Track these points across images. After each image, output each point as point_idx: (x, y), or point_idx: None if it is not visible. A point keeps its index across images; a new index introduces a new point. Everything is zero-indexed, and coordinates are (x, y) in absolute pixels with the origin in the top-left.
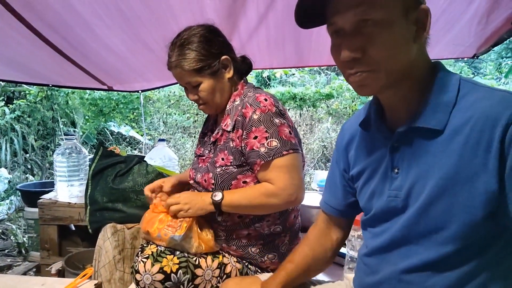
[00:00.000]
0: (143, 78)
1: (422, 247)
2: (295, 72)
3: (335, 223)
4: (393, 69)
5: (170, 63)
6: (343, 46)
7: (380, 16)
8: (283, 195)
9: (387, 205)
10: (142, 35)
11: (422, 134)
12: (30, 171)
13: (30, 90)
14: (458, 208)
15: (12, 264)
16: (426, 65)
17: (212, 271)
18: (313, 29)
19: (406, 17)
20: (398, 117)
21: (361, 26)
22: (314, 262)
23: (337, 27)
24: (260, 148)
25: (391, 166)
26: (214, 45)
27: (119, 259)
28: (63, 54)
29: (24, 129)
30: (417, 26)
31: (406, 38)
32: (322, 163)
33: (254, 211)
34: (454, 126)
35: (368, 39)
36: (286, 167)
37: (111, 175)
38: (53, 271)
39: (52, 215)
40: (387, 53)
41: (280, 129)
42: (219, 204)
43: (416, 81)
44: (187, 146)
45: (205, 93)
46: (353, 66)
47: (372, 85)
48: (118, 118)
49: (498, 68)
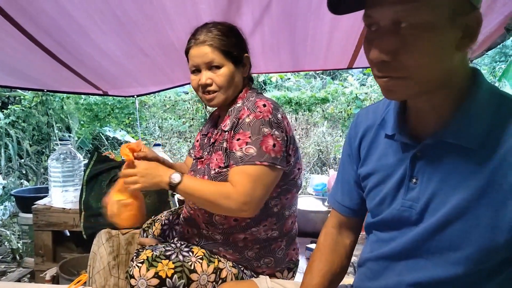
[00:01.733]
0: (138, 83)
1: (430, 263)
2: (291, 77)
3: (347, 226)
4: (426, 78)
5: (194, 41)
6: (375, 44)
7: (421, 19)
8: (237, 201)
9: (399, 214)
10: (137, 40)
11: (452, 149)
12: (24, 177)
13: (25, 95)
14: (477, 231)
15: (6, 271)
16: (466, 73)
17: (208, 276)
18: (307, 35)
19: (453, 22)
20: (426, 124)
21: (399, 26)
22: (333, 277)
23: (373, 20)
24: (237, 151)
25: (410, 175)
26: (241, 40)
27: (114, 265)
28: (58, 59)
29: (19, 134)
30: (464, 33)
31: (448, 45)
32: (318, 167)
33: (206, 206)
34: (490, 146)
35: (403, 42)
36: (252, 177)
37: (105, 180)
38: (47, 277)
39: (47, 221)
40: (421, 61)
41: (264, 139)
42: (174, 188)
43: (453, 90)
44: (182, 150)
45: (223, 78)
46: (381, 68)
47: (400, 92)
48: (114, 123)
49: (492, 72)
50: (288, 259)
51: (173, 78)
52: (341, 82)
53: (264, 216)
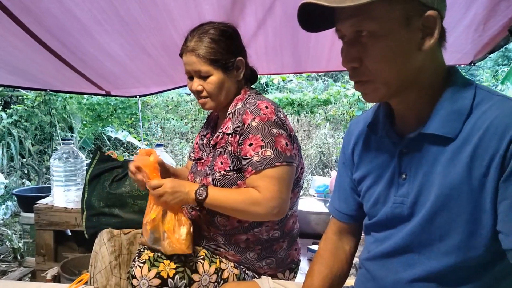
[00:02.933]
0: (141, 83)
1: (423, 257)
2: (293, 78)
3: (347, 231)
4: (391, 79)
5: (185, 48)
6: (344, 53)
7: (374, 27)
8: (267, 206)
9: (392, 211)
10: (140, 40)
11: (433, 141)
12: (26, 176)
13: (27, 95)
14: (463, 218)
15: (7, 270)
16: (437, 71)
17: (209, 276)
18: (311, 35)
19: (407, 26)
20: (407, 123)
21: (359, 36)
22: (334, 281)
23: (341, 33)
24: (253, 156)
25: (399, 172)
26: (233, 43)
27: (116, 265)
28: (61, 58)
29: (21, 133)
30: (423, 33)
31: (407, 47)
32: (320, 169)
33: (235, 215)
34: (466, 135)
35: (364, 50)
36: (276, 179)
37: (108, 180)
38: (48, 276)
39: (48, 220)
40: (381, 65)
41: (277, 139)
42: (202, 202)
43: (425, 88)
44: (184, 151)
45: (212, 86)
46: (352, 74)
47: (372, 94)
48: (116, 123)
49: (494, 75)
50: (290, 260)
51: (176, 78)
52: (343, 84)
53: None
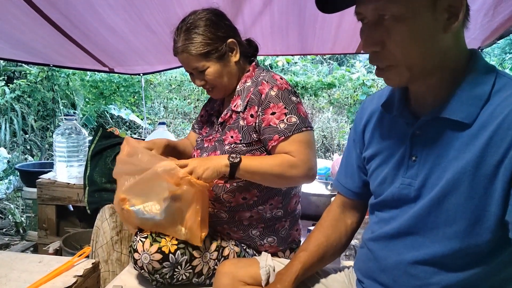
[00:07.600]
0: (144, 61)
1: (428, 240)
2: (298, 61)
3: (350, 207)
4: (415, 63)
5: (176, 48)
6: (365, 37)
7: (400, 11)
8: (303, 168)
9: (399, 192)
10: (145, 16)
11: (448, 125)
12: (29, 152)
13: (30, 70)
14: (471, 203)
15: (10, 243)
16: (462, 54)
17: (210, 253)
18: (317, 15)
19: (433, 7)
20: (424, 104)
21: (382, 19)
22: (328, 249)
23: (362, 16)
24: (279, 124)
25: (409, 154)
26: (220, 28)
27: (117, 240)
28: (65, 33)
29: (24, 109)
30: (449, 14)
31: (432, 30)
32: (322, 153)
33: (270, 180)
34: (483, 121)
35: (387, 33)
36: (305, 143)
37: (110, 156)
38: (50, 250)
39: (51, 195)
40: (406, 49)
41: (298, 106)
42: (236, 167)
43: (449, 71)
44: (186, 131)
45: (212, 77)
46: (374, 58)
47: (395, 79)
48: (119, 102)
49: (501, 63)
50: (291, 239)
51: None
52: (348, 68)
53: (271, 194)
